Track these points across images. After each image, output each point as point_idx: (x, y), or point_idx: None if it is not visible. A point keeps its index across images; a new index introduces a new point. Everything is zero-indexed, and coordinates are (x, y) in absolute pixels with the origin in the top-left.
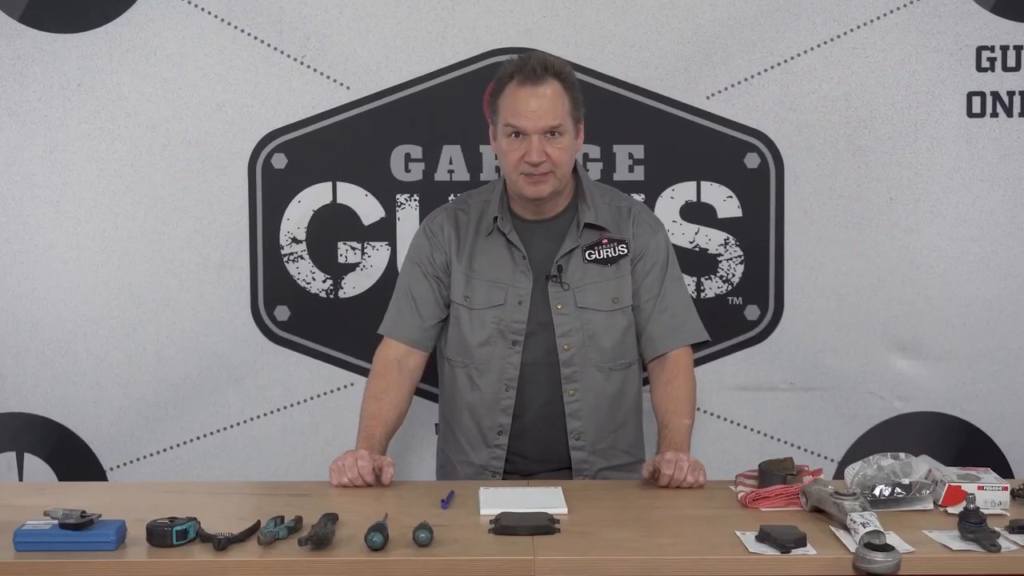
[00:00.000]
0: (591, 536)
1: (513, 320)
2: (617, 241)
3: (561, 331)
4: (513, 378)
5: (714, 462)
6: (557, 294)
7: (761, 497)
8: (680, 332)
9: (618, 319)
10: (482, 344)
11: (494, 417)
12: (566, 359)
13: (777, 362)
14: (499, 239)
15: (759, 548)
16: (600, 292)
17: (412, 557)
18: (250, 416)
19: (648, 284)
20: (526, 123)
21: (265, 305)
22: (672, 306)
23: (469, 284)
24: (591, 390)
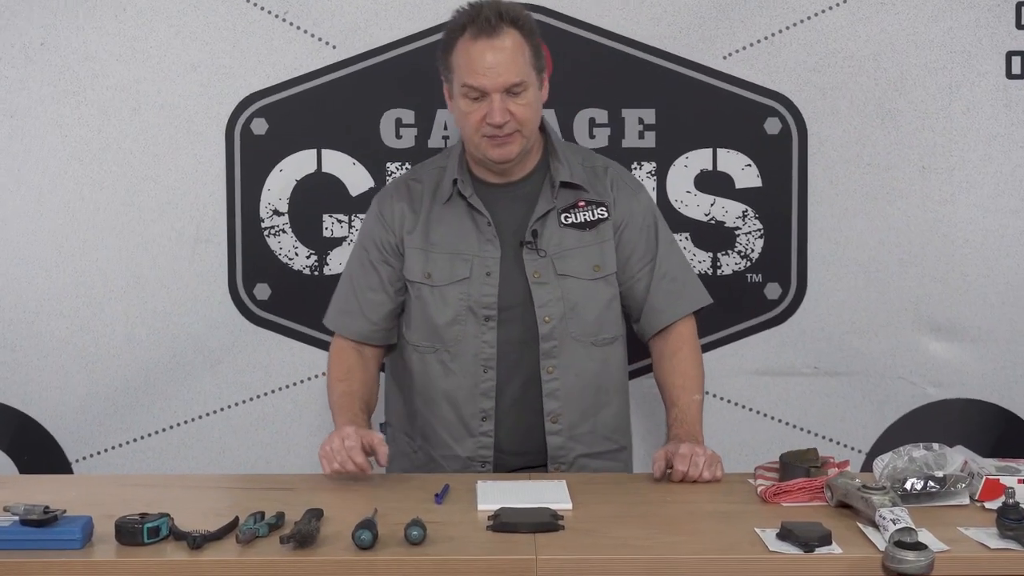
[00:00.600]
0: (597, 534)
1: (482, 295)
2: (595, 203)
3: (541, 301)
4: (490, 357)
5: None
6: (534, 262)
7: (782, 491)
8: (683, 298)
9: (601, 289)
10: (450, 323)
11: (474, 403)
12: (546, 332)
13: (800, 345)
14: (459, 206)
15: (780, 547)
16: (580, 259)
17: (403, 556)
18: (228, 403)
19: (640, 251)
20: (485, 81)
21: (244, 283)
22: (671, 270)
23: (428, 259)
24: (572, 367)
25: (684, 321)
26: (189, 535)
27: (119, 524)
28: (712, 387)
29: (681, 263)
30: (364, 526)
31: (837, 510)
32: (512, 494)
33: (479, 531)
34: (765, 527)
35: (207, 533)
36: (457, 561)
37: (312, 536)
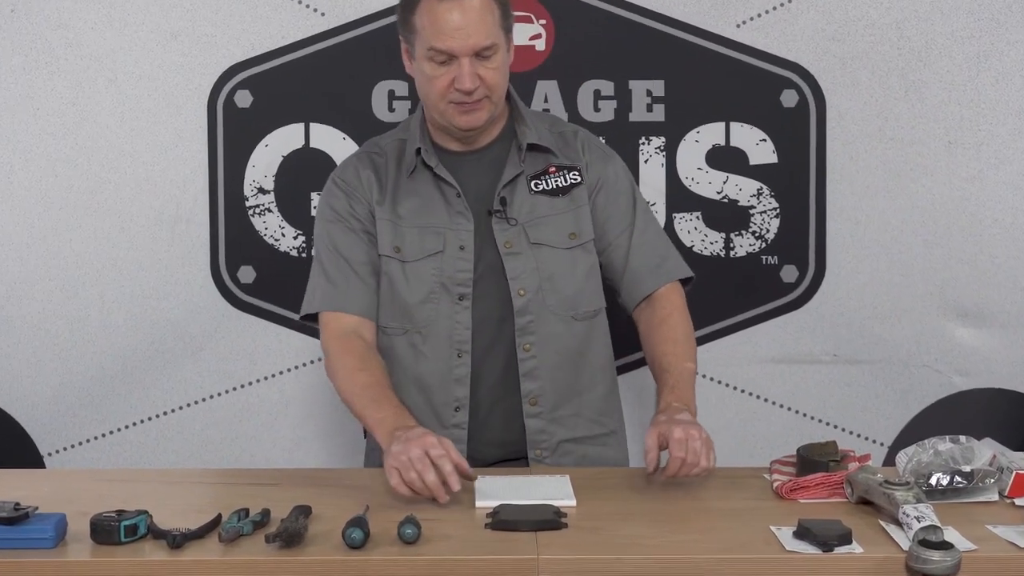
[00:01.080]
0: (603, 532)
1: (457, 270)
2: (567, 168)
3: (514, 273)
4: (464, 340)
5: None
6: (504, 231)
7: (800, 487)
8: (664, 267)
9: (579, 257)
10: (423, 302)
11: (447, 390)
12: (521, 306)
13: (818, 331)
14: (425, 176)
15: (797, 546)
16: (554, 226)
17: (397, 556)
18: (210, 393)
19: (617, 216)
20: (453, 44)
21: (227, 265)
22: (651, 238)
23: (397, 232)
24: (550, 343)
25: (670, 288)
26: (169, 533)
27: (94, 522)
28: (725, 376)
29: (660, 232)
30: (355, 524)
31: (858, 507)
32: (512, 490)
33: (477, 529)
34: (781, 525)
35: (188, 531)
36: (454, 561)
37: (299, 534)
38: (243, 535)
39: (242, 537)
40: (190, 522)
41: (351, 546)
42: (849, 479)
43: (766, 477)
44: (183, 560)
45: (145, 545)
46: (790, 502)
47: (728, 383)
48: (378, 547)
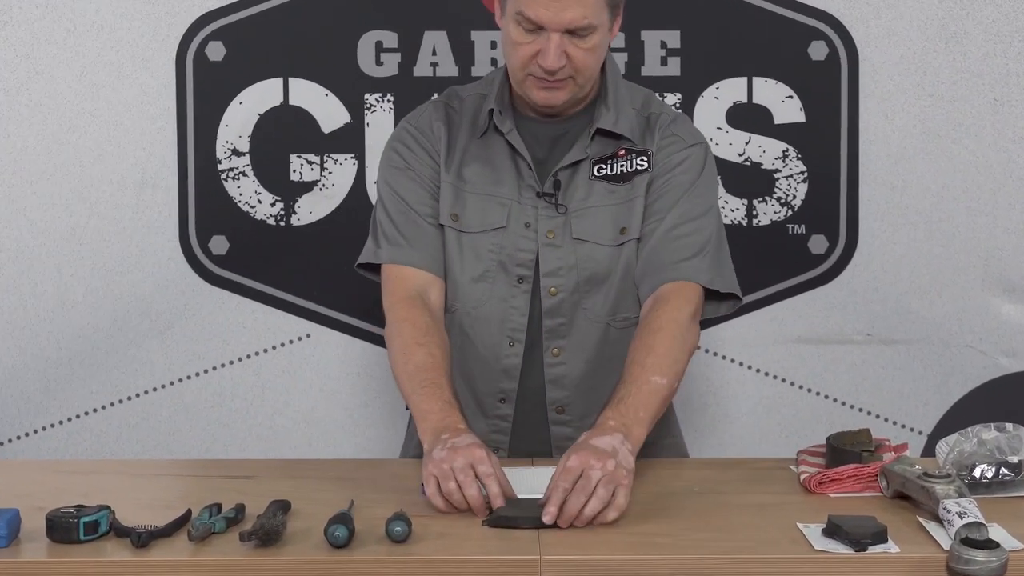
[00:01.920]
0: (612, 529)
1: (519, 249)
2: (637, 153)
3: (548, 268)
4: (520, 328)
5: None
6: (550, 219)
7: (830, 480)
8: (686, 266)
9: (624, 256)
10: (476, 280)
11: (493, 380)
12: (551, 307)
13: (850, 307)
14: (497, 141)
15: (827, 545)
16: (605, 219)
17: (385, 556)
18: (179, 376)
19: (660, 203)
20: (544, 15)
21: (198, 235)
22: (686, 234)
23: (459, 198)
24: (582, 351)
25: (686, 295)
26: (133, 531)
27: (51, 518)
28: (747, 357)
29: (712, 233)
30: (338, 521)
31: (893, 502)
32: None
33: (473, 526)
34: (809, 522)
35: (154, 529)
36: (447, 562)
37: (277, 532)
38: (215, 533)
39: (214, 535)
40: (157, 518)
41: (334, 545)
42: (884, 471)
43: (792, 469)
44: (149, 560)
45: (107, 544)
46: (819, 496)
47: (750, 365)
48: (364, 546)
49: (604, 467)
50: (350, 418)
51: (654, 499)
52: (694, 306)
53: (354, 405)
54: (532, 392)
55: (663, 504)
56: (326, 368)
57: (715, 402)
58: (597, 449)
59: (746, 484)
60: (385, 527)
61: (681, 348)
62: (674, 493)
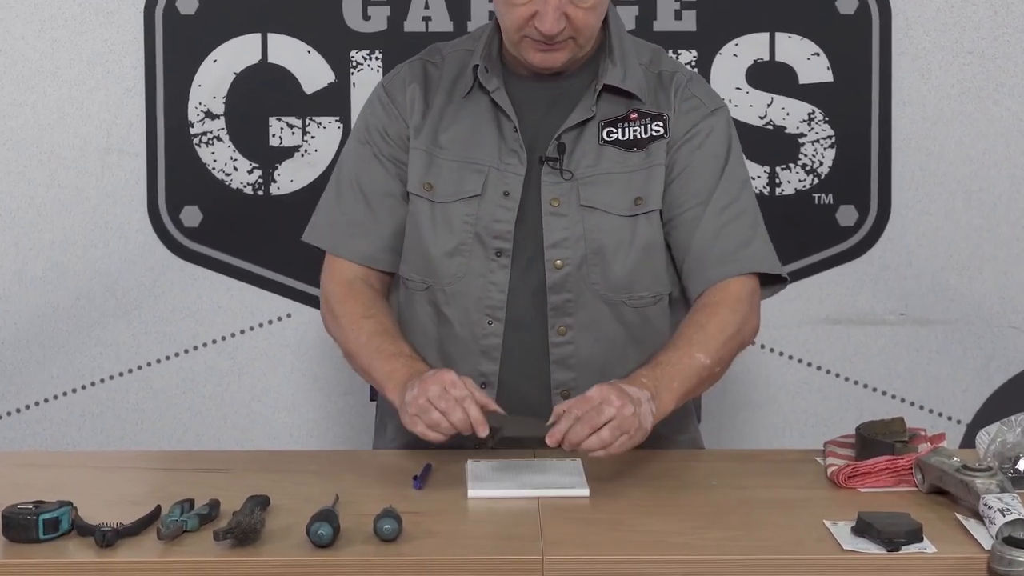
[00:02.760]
0: (622, 527)
1: (495, 220)
2: (651, 117)
3: (552, 239)
4: (498, 306)
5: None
6: (554, 185)
7: (860, 473)
8: (740, 256)
9: (640, 229)
10: (450, 254)
11: (472, 362)
12: (556, 282)
13: (881, 284)
14: (481, 102)
15: (856, 544)
16: (618, 188)
17: (372, 556)
18: (147, 360)
19: (696, 183)
20: None
21: (168, 206)
22: (733, 217)
23: (433, 165)
24: (591, 330)
25: (740, 281)
26: (98, 529)
27: (7, 515)
28: (769, 339)
29: (749, 214)
30: (322, 518)
31: (929, 497)
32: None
33: (468, 524)
34: (837, 519)
35: (120, 527)
36: (440, 562)
37: (255, 530)
38: (187, 531)
39: (186, 534)
40: (123, 516)
41: (317, 544)
42: (919, 464)
43: (819, 461)
44: (115, 561)
45: (69, 543)
46: (848, 492)
47: (773, 348)
48: (350, 545)
49: (621, 409)
50: (334, 406)
51: (666, 494)
52: (755, 289)
53: (339, 392)
54: (536, 374)
55: (676, 500)
56: (308, 351)
57: (734, 388)
58: (623, 390)
59: (768, 478)
60: (373, 525)
61: (733, 336)
62: (688, 487)
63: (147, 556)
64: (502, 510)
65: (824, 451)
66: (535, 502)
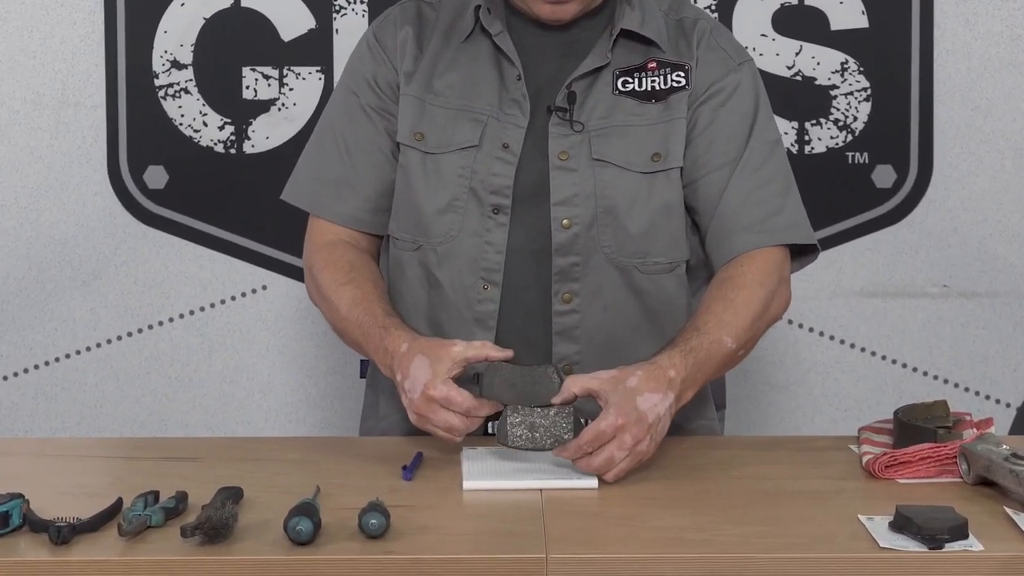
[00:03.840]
0: (634, 522)
1: (492, 173)
2: (672, 66)
3: (560, 196)
4: (494, 268)
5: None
6: (563, 137)
7: (898, 462)
8: (769, 224)
9: (658, 187)
10: (442, 211)
11: (464, 332)
12: (562, 243)
13: (922, 253)
14: (482, 46)
15: (895, 541)
16: (634, 142)
17: (358, 555)
18: (107, 336)
19: (721, 142)
20: None
21: (131, 165)
22: (762, 182)
23: (425, 113)
24: (599, 297)
25: (769, 253)
26: (51, 524)
27: None
28: (797, 313)
29: (780, 177)
30: (301, 512)
31: (975, 489)
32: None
33: (463, 519)
34: (873, 513)
35: (77, 522)
36: (432, 561)
37: (227, 526)
38: (151, 527)
39: (150, 529)
40: (80, 509)
41: (296, 541)
42: (964, 452)
43: (853, 449)
44: (70, 560)
45: (19, 540)
46: (885, 482)
47: (801, 323)
48: (332, 542)
49: (636, 446)
50: (316, 387)
51: (682, 486)
52: (785, 262)
53: (320, 371)
54: (535, 347)
55: (694, 492)
56: (286, 326)
57: (758, 368)
58: (640, 415)
59: (796, 467)
60: (359, 520)
61: (761, 314)
62: (708, 478)
63: (107, 554)
64: (501, 504)
65: (859, 438)
66: (537, 495)
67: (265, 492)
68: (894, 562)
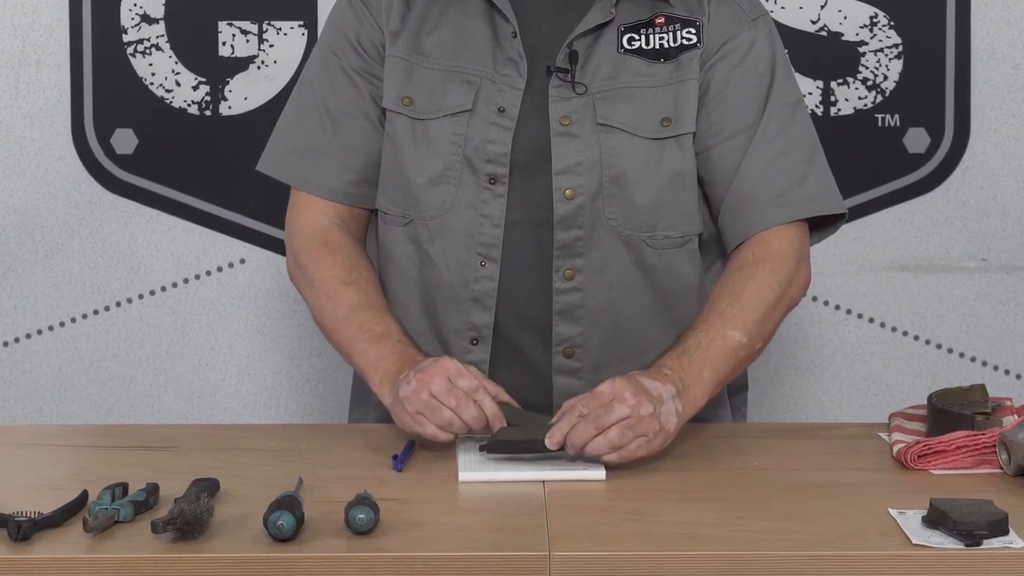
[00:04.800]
0: (645, 517)
1: (488, 140)
2: (681, 22)
3: (562, 164)
4: (492, 244)
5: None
6: (564, 100)
7: (932, 451)
8: (789, 197)
9: (669, 155)
10: (435, 181)
11: (461, 312)
12: (565, 215)
13: (958, 224)
14: (473, 1)
15: (928, 537)
16: (642, 105)
17: (345, 552)
18: (71, 315)
19: (737, 106)
20: None
21: (97, 129)
22: (783, 149)
23: (413, 76)
24: (605, 274)
25: (788, 231)
26: (11, 519)
27: None
28: (823, 290)
29: (803, 143)
30: (283, 506)
31: (1016, 481)
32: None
33: (459, 512)
34: (905, 507)
35: (38, 517)
36: (425, 559)
37: (201, 521)
38: (119, 522)
39: (118, 525)
40: (42, 503)
41: (277, 537)
42: (1003, 440)
43: (883, 437)
44: (31, 558)
45: None
46: (918, 474)
47: (828, 300)
48: (316, 539)
49: (636, 408)
50: (298, 370)
51: (697, 478)
52: (804, 240)
53: (303, 353)
54: (532, 328)
55: (710, 484)
56: (266, 304)
57: (779, 350)
58: (640, 386)
59: (823, 458)
60: (345, 514)
61: (775, 303)
62: (724, 469)
63: (71, 552)
64: (499, 497)
65: (889, 425)
66: (539, 487)
67: (243, 484)
68: (928, 560)
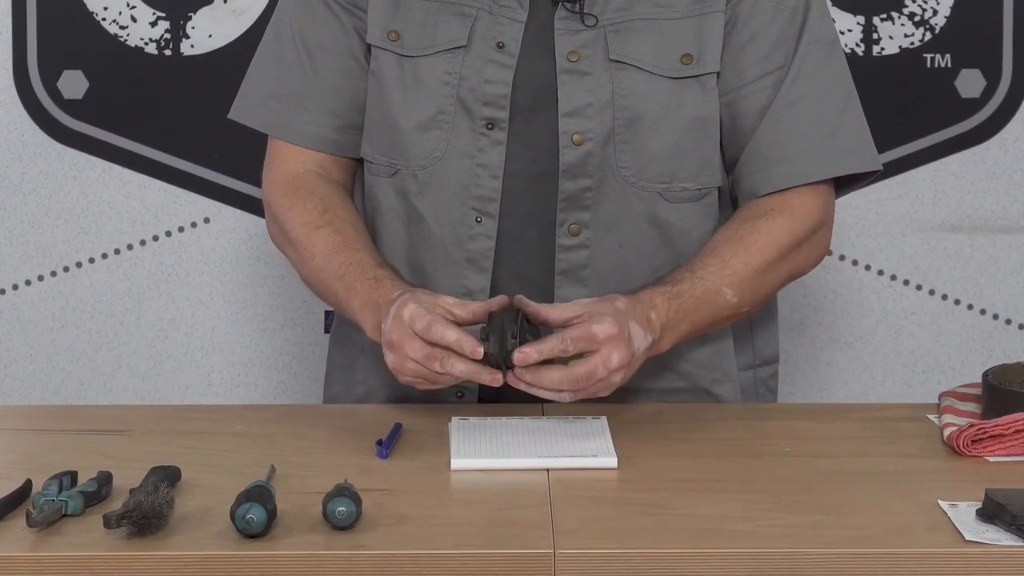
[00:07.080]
0: (663, 510)
1: (485, 79)
2: None
3: (570, 105)
4: (489, 197)
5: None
6: (573, 34)
7: (988, 436)
8: (823, 151)
9: (689, 97)
10: (425, 126)
11: (454, 274)
12: (572, 163)
13: (1017, 177)
14: None
15: (983, 532)
16: (659, 39)
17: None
18: (12, 281)
19: (763, 46)
20: None
21: (42, 70)
22: (816, 98)
23: (400, 8)
24: (615, 230)
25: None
26: None
27: None
28: (862, 252)
29: (836, 90)
30: (252, 497)
31: None
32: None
33: (451, 505)
34: (957, 499)
35: None
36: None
37: (160, 514)
38: (68, 515)
39: (66, 518)
40: None
41: (246, 533)
42: None
43: (933, 420)
44: None
45: None
46: (972, 461)
47: (868, 264)
48: (290, 535)
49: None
50: (269, 343)
51: (723, 465)
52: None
53: (276, 324)
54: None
55: (735, 473)
56: (234, 269)
57: (815, 319)
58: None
59: (865, 443)
60: (323, 507)
61: (775, 266)
62: (752, 456)
63: (13, 549)
64: (498, 487)
65: (939, 406)
66: (543, 476)
67: (207, 473)
68: (983, 559)
